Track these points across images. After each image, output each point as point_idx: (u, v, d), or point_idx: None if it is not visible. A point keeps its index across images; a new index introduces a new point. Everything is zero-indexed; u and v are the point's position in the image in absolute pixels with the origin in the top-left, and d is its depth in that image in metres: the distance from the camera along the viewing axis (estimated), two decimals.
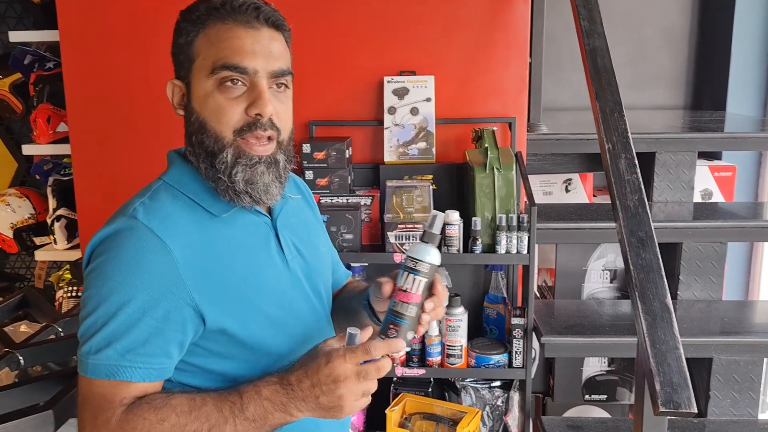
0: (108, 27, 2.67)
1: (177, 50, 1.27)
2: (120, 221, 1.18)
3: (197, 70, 1.23)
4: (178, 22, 1.27)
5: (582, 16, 2.20)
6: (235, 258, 1.24)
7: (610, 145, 1.93)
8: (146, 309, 1.14)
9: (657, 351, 1.53)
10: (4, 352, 1.75)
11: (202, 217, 1.24)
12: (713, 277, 2.71)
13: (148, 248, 1.15)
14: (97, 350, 1.13)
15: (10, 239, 3.16)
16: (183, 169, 1.29)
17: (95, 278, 1.16)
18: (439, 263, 1.27)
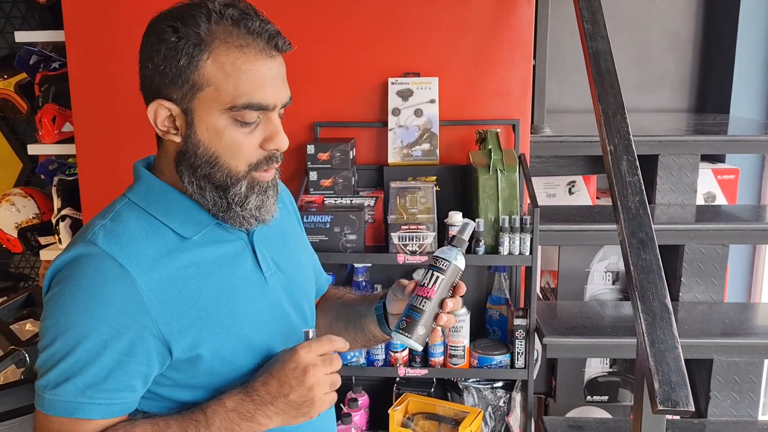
0: (113, 27, 2.69)
1: (168, 69, 1.11)
2: (79, 247, 1.10)
3: (206, 100, 1.11)
4: (165, 35, 1.10)
5: (585, 19, 2.21)
6: (206, 281, 1.16)
7: (611, 147, 1.94)
8: (108, 342, 1.07)
9: (656, 350, 1.54)
10: (10, 350, 1.77)
11: (169, 239, 1.16)
12: (715, 279, 2.71)
13: (108, 276, 1.08)
14: (54, 385, 1.07)
15: (14, 239, 3.17)
16: (150, 185, 1.19)
17: (53, 308, 1.08)
18: (462, 267, 1.28)
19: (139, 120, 2.71)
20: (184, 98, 1.12)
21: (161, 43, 1.10)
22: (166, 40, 1.10)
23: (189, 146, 1.14)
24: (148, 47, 1.13)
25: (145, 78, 1.15)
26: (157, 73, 1.12)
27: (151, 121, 1.15)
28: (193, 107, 1.12)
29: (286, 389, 1.10)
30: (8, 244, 3.22)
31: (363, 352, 2.52)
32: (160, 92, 1.13)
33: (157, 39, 1.11)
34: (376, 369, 2.52)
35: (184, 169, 1.16)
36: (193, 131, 1.13)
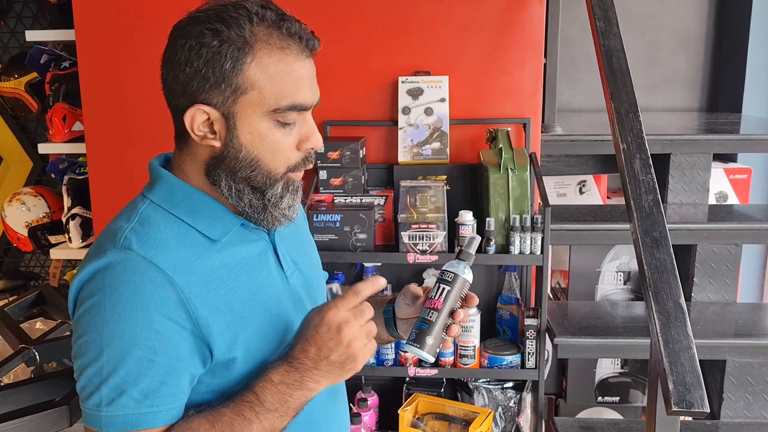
0: (124, 26, 2.69)
1: (210, 74, 1.08)
2: (111, 253, 1.06)
3: (249, 104, 1.09)
4: (204, 38, 1.07)
5: (597, 17, 2.20)
6: (237, 282, 1.15)
7: (624, 146, 1.93)
8: (156, 348, 1.04)
9: (670, 350, 1.53)
10: (21, 348, 1.77)
11: (198, 241, 1.13)
12: (728, 279, 2.69)
13: (148, 281, 1.05)
14: (109, 401, 1.03)
15: (25, 238, 3.18)
16: (173, 186, 1.16)
17: (92, 320, 1.04)
18: (470, 280, 1.28)
19: (149, 118, 2.72)
20: (225, 102, 1.09)
21: (202, 47, 1.07)
22: (207, 44, 1.07)
23: (229, 150, 1.12)
24: (185, 51, 1.08)
25: (177, 82, 1.11)
26: (196, 78, 1.08)
27: (187, 126, 1.11)
28: (235, 111, 1.10)
29: (325, 352, 1.09)
30: (19, 243, 3.22)
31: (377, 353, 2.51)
32: (197, 97, 1.10)
33: (196, 43, 1.07)
34: (386, 369, 2.51)
35: (222, 173, 1.13)
36: (235, 135, 1.11)
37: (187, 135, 1.14)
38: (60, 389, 1.61)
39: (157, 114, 2.69)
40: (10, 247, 3.65)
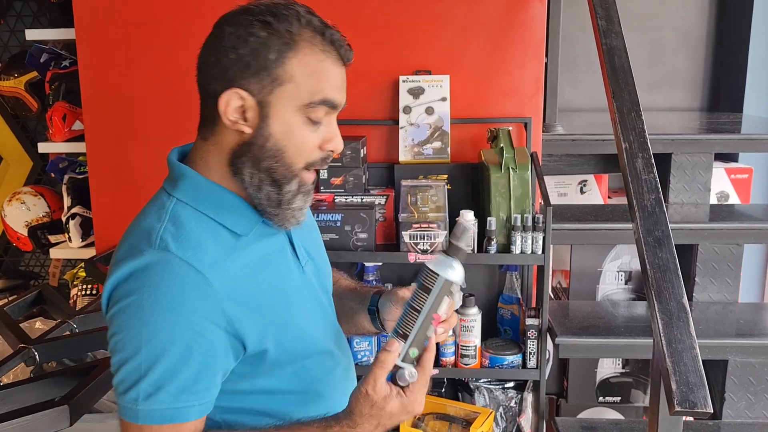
0: (124, 25, 2.68)
1: (254, 62, 1.13)
2: (148, 254, 1.10)
3: (286, 95, 1.15)
4: (254, 28, 1.13)
5: (599, 16, 2.19)
6: (263, 277, 1.20)
7: (627, 145, 1.92)
8: (192, 346, 1.09)
9: (673, 350, 1.52)
10: (20, 348, 1.76)
11: (226, 238, 1.18)
12: (729, 279, 2.69)
13: (187, 283, 1.09)
14: (147, 396, 1.08)
15: (25, 237, 3.17)
16: (197, 183, 1.20)
17: (130, 319, 1.09)
18: (456, 280, 1.17)
19: (149, 118, 2.72)
20: (262, 91, 1.14)
21: (250, 36, 1.12)
22: (256, 34, 1.12)
23: (258, 138, 1.16)
24: (232, 38, 1.13)
25: (218, 66, 1.15)
26: (239, 64, 1.13)
27: (220, 110, 1.15)
28: (270, 100, 1.14)
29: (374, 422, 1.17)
30: (18, 242, 3.22)
31: (374, 352, 2.51)
32: (235, 82, 1.14)
33: (245, 32, 1.12)
34: None
35: (246, 161, 1.17)
36: (266, 124, 1.15)
37: (215, 122, 1.18)
38: (60, 389, 1.60)
39: (157, 113, 2.71)
40: (10, 246, 3.64)
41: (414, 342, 1.18)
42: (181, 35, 2.67)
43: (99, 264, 2.58)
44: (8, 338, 1.88)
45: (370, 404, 1.14)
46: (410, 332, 1.17)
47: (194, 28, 2.66)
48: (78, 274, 3.08)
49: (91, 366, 1.69)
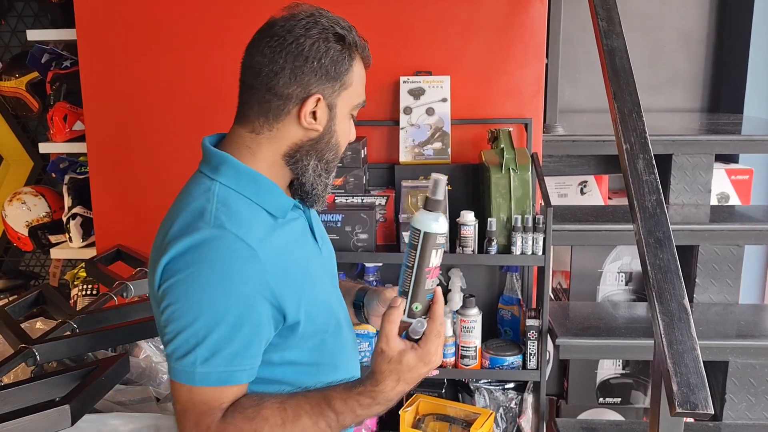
0: (125, 25, 2.68)
1: (332, 70, 1.29)
2: (206, 230, 1.20)
3: (347, 97, 1.33)
4: (330, 42, 1.29)
5: (600, 17, 2.19)
6: (294, 255, 1.31)
7: (627, 146, 1.92)
8: (244, 315, 1.19)
9: (674, 351, 1.52)
10: (21, 348, 1.76)
11: (266, 219, 1.29)
12: (730, 280, 2.69)
13: (240, 257, 1.19)
14: (204, 360, 1.18)
15: (25, 237, 3.17)
16: (238, 169, 1.30)
17: (188, 290, 1.18)
18: (440, 231, 1.23)
19: (150, 118, 2.72)
20: (332, 94, 1.31)
21: (329, 50, 1.28)
22: (333, 48, 1.29)
23: (325, 135, 1.33)
24: (312, 48, 1.27)
25: (299, 72, 1.27)
26: (321, 72, 1.28)
27: (302, 112, 1.28)
28: (336, 103, 1.32)
29: (402, 385, 1.23)
30: (19, 242, 3.22)
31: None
32: (314, 87, 1.28)
33: (325, 45, 1.28)
34: None
35: (313, 153, 1.33)
36: (333, 123, 1.33)
37: (279, 119, 1.30)
38: (61, 389, 1.60)
39: (158, 113, 2.71)
40: (11, 246, 3.64)
41: (414, 296, 1.24)
42: (182, 35, 2.67)
43: (99, 264, 2.58)
44: (9, 338, 1.88)
45: (387, 360, 1.20)
46: (408, 288, 1.24)
47: (195, 28, 2.68)
48: (78, 274, 3.08)
49: (91, 366, 1.69)
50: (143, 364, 2.22)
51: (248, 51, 1.33)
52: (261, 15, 2.52)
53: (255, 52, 1.30)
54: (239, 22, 2.62)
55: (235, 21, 2.63)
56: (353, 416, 1.23)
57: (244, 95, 1.34)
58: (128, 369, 1.83)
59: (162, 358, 2.30)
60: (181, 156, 2.69)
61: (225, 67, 2.63)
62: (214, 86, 2.65)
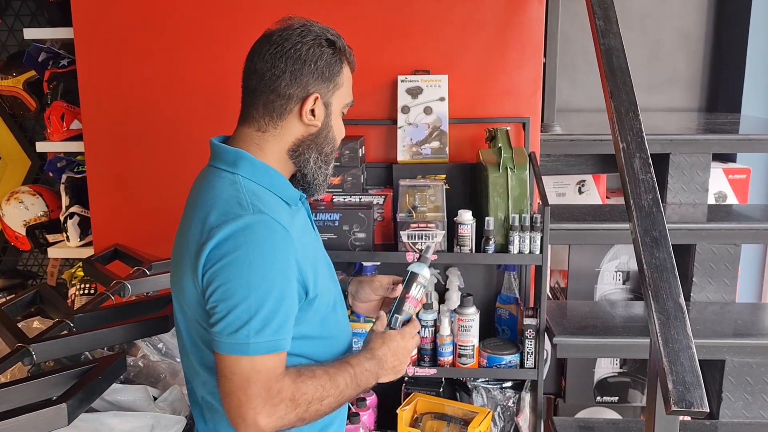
0: (122, 24, 2.68)
1: (326, 72, 1.45)
2: (247, 216, 1.33)
3: (340, 96, 1.50)
4: (323, 47, 1.45)
5: (597, 16, 2.19)
6: (307, 239, 1.49)
7: (624, 145, 1.93)
8: (285, 290, 1.35)
9: (670, 350, 1.52)
10: (18, 347, 1.76)
11: (284, 207, 1.44)
12: (727, 279, 2.69)
13: (279, 238, 1.34)
14: (256, 332, 1.30)
15: (22, 236, 3.17)
16: (254, 163, 1.44)
17: (237, 270, 1.31)
18: (422, 273, 1.64)
19: (148, 117, 2.72)
20: (327, 93, 1.47)
21: (323, 54, 1.45)
22: (327, 52, 1.45)
23: (323, 131, 1.49)
24: (309, 53, 1.44)
25: (299, 74, 1.43)
26: (317, 73, 1.44)
27: (304, 110, 1.44)
28: (331, 101, 1.49)
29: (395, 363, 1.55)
30: (16, 242, 3.21)
31: None
32: (312, 87, 1.44)
33: (319, 50, 1.44)
34: None
35: (314, 147, 1.50)
36: (329, 119, 1.50)
37: (282, 117, 1.45)
38: (57, 388, 1.60)
39: (155, 112, 2.71)
40: (8, 245, 3.64)
41: (396, 312, 1.62)
42: (179, 34, 2.67)
43: (97, 263, 2.57)
44: (6, 337, 1.88)
45: (379, 338, 1.55)
46: (392, 308, 1.63)
47: (193, 27, 2.68)
48: (76, 274, 3.08)
49: (88, 365, 1.69)
50: (141, 363, 2.21)
51: (250, 59, 1.47)
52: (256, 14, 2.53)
53: (257, 59, 1.45)
54: (237, 21, 2.62)
55: (232, 20, 2.63)
56: (365, 373, 1.48)
57: (248, 98, 1.47)
58: (125, 368, 1.83)
59: (159, 357, 2.30)
60: (179, 155, 2.69)
61: (224, 65, 2.63)
62: (212, 85, 2.65)
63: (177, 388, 2.04)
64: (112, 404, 1.92)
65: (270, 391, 1.32)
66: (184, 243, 1.40)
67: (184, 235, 1.41)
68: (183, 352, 1.52)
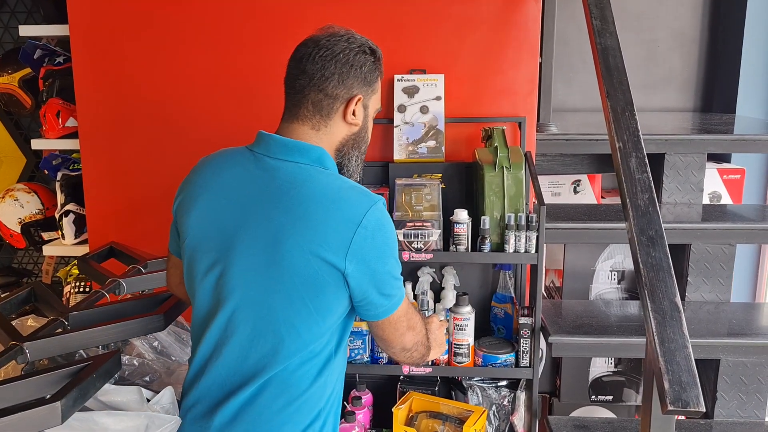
0: (118, 22, 2.68)
1: (368, 77, 1.59)
2: (376, 196, 1.52)
3: (374, 101, 1.65)
4: (366, 55, 1.59)
5: (594, 15, 2.19)
6: None
7: (620, 144, 1.93)
8: None
9: (666, 349, 1.52)
10: (11, 345, 1.75)
11: None
12: (721, 278, 2.70)
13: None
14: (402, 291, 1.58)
15: (17, 234, 3.16)
16: (332, 160, 1.59)
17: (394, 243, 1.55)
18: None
19: (143, 114, 2.71)
20: (367, 97, 1.61)
21: (366, 60, 1.59)
22: (369, 59, 1.59)
23: (362, 130, 1.63)
24: (356, 60, 1.57)
25: (346, 76, 1.55)
26: (360, 77, 1.57)
27: (348, 109, 1.57)
28: (368, 104, 1.63)
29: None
30: (11, 239, 3.20)
31: (367, 350, 2.51)
32: (356, 90, 1.57)
33: (364, 57, 1.58)
34: (381, 367, 2.51)
35: (355, 146, 1.64)
36: (367, 121, 1.64)
37: (330, 117, 1.57)
38: (51, 386, 1.59)
39: (151, 109, 2.70)
40: (3, 243, 3.63)
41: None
42: (175, 32, 2.67)
43: (92, 261, 2.56)
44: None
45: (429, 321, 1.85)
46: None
47: (188, 24, 2.67)
48: (71, 272, 3.07)
49: (82, 363, 1.68)
50: (136, 361, 2.21)
51: (298, 60, 1.57)
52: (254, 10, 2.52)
53: (306, 61, 1.55)
54: (234, 18, 2.61)
55: (230, 17, 2.62)
56: (430, 334, 1.77)
57: (295, 97, 1.57)
58: (120, 366, 1.82)
59: (155, 356, 2.29)
60: (176, 152, 2.69)
61: (222, 62, 2.63)
62: (210, 81, 2.65)
63: (170, 390, 2.03)
64: (105, 405, 1.91)
65: (417, 316, 1.70)
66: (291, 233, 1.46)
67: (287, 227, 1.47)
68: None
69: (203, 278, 1.55)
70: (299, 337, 1.48)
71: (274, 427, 1.51)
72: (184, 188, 1.63)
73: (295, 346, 1.49)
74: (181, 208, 1.62)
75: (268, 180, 1.51)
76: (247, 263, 1.48)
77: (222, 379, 1.56)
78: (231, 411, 1.53)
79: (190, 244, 1.58)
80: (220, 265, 1.52)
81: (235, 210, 1.51)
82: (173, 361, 2.25)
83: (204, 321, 1.58)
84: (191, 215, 1.58)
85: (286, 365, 1.50)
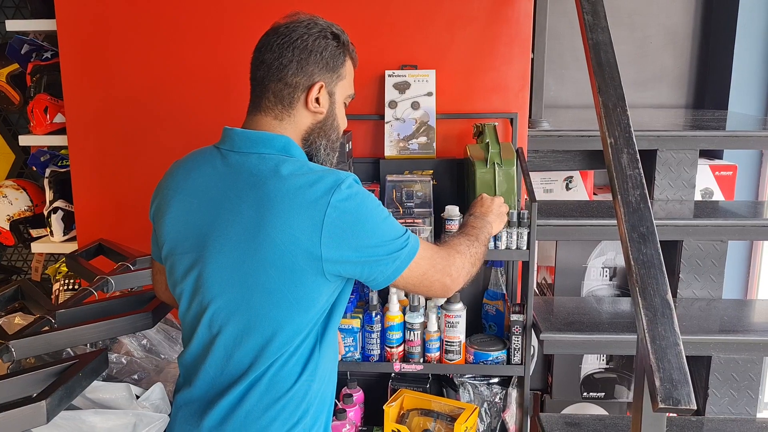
0: (106, 16, 2.66)
1: (330, 62, 1.55)
2: (345, 173, 1.49)
3: (342, 87, 1.60)
4: (328, 40, 1.55)
5: (585, 10, 2.18)
6: None
7: (612, 140, 1.92)
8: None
9: (657, 347, 1.51)
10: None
11: None
12: (713, 275, 2.69)
13: None
14: (409, 237, 1.56)
15: (6, 231, 3.14)
16: (298, 148, 1.56)
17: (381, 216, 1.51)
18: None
19: (132, 110, 2.69)
20: (331, 83, 1.57)
21: (328, 45, 1.55)
22: (331, 44, 1.55)
23: (328, 119, 1.59)
24: (315, 44, 1.53)
25: (305, 64, 1.53)
26: (321, 63, 1.54)
27: (310, 97, 1.53)
28: (335, 91, 1.59)
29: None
30: (0, 237, 3.18)
31: (358, 348, 2.50)
32: (317, 77, 1.54)
33: (324, 42, 1.54)
34: (372, 364, 2.50)
35: (322, 134, 1.59)
36: (333, 108, 1.59)
37: (292, 106, 1.54)
38: (37, 385, 1.57)
39: (139, 105, 2.68)
40: None
41: None
42: (163, 26, 2.65)
43: (80, 258, 2.54)
44: None
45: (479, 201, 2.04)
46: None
47: (177, 19, 2.65)
48: (60, 269, 3.05)
49: (69, 362, 1.66)
50: (124, 359, 2.19)
51: (258, 51, 1.55)
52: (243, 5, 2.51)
53: (264, 50, 1.53)
54: (224, 13, 2.59)
55: (219, 12, 2.60)
56: (482, 228, 1.88)
57: (257, 89, 1.56)
58: (107, 365, 1.80)
59: (143, 354, 2.28)
60: (164, 149, 2.67)
61: (210, 59, 2.61)
62: (197, 78, 2.63)
63: (160, 386, 2.02)
64: (93, 402, 1.89)
65: (440, 253, 1.68)
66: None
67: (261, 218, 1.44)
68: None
69: (183, 281, 1.54)
70: (282, 331, 1.46)
71: (261, 427, 1.49)
72: (158, 194, 1.62)
73: (279, 341, 1.46)
74: (157, 214, 1.61)
75: (235, 175, 1.49)
76: (223, 261, 1.47)
77: (211, 379, 1.54)
78: (220, 413, 1.51)
79: (168, 249, 1.57)
80: (198, 267, 1.50)
81: (205, 210, 1.49)
82: (162, 359, 2.24)
83: (192, 323, 1.57)
84: (166, 219, 1.56)
85: (270, 362, 1.47)
